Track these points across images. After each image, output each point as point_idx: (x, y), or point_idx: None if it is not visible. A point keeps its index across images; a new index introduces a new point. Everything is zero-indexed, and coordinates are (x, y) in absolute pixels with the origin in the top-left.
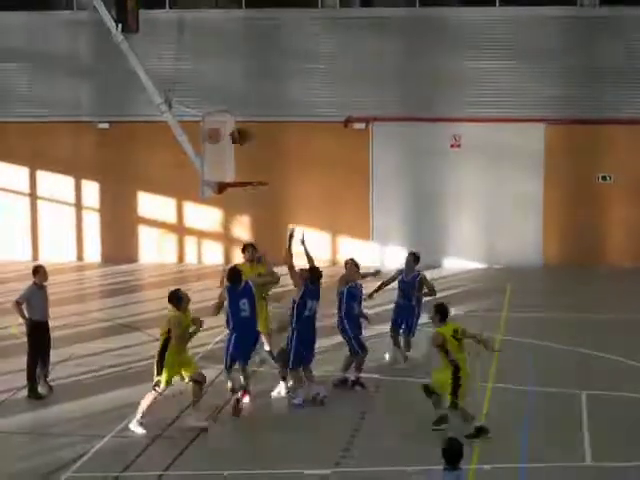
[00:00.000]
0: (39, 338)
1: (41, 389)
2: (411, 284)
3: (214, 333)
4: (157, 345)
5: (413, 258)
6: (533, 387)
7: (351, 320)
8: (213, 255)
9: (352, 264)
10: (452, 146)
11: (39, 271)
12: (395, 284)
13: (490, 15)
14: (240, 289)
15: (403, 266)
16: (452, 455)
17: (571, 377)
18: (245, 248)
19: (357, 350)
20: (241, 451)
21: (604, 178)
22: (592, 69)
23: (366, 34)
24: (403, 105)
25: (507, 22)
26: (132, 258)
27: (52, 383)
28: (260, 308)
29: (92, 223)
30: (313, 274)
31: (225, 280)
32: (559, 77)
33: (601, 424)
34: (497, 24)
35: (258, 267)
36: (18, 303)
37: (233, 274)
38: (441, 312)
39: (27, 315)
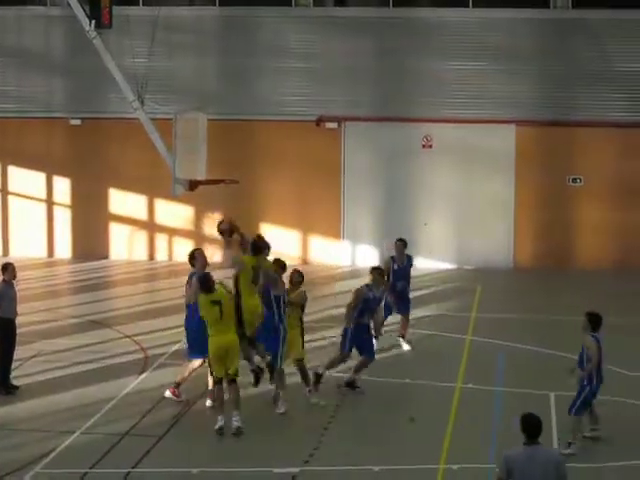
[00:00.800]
0: (9, 336)
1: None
2: (406, 268)
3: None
4: (129, 341)
5: (404, 244)
6: (502, 388)
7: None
8: (184, 252)
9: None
10: (424, 146)
11: (8, 268)
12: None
13: (463, 16)
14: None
15: (388, 256)
16: (532, 429)
17: (540, 378)
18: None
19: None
20: (210, 449)
21: (575, 180)
22: (564, 71)
23: (339, 34)
24: (375, 105)
25: (480, 23)
26: (103, 255)
27: (21, 379)
28: None
29: (63, 219)
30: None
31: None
32: (531, 79)
33: (570, 424)
34: (470, 25)
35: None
36: None
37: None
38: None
39: None
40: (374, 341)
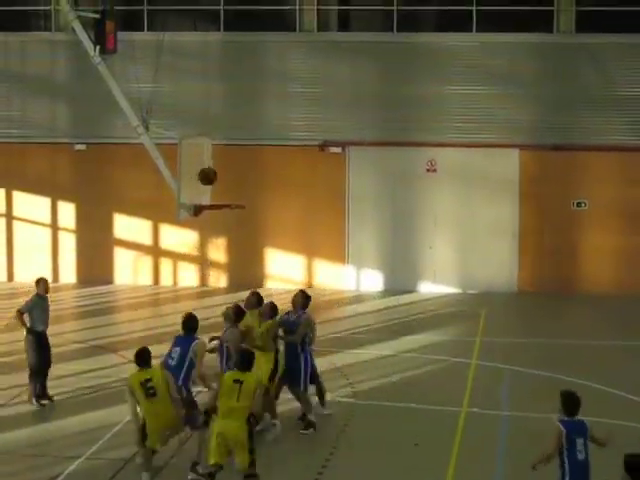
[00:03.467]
0: (43, 347)
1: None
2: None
3: None
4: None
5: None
6: (507, 412)
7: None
8: (189, 277)
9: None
10: (428, 170)
11: (40, 282)
12: None
13: (466, 41)
14: None
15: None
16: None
17: (545, 402)
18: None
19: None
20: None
21: (579, 204)
22: (567, 95)
23: (343, 58)
24: (379, 129)
25: (483, 48)
26: (107, 280)
27: (26, 405)
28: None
29: (68, 244)
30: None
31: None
32: (534, 103)
33: None
34: (473, 50)
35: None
36: (20, 313)
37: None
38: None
39: (29, 325)
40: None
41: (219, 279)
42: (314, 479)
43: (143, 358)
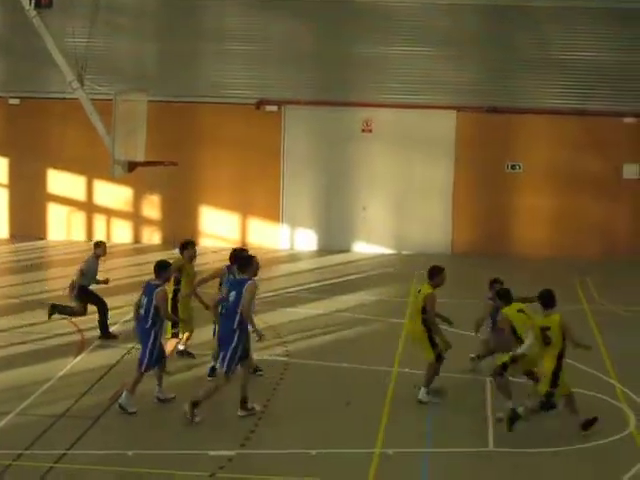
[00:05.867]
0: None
1: None
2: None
3: (123, 312)
4: (65, 323)
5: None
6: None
7: None
8: (122, 233)
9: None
10: (363, 131)
11: (100, 245)
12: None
13: (407, 1)
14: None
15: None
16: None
17: (478, 363)
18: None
19: None
20: (146, 432)
21: (513, 167)
22: (505, 58)
23: (280, 17)
24: (316, 88)
25: (422, 9)
26: (40, 235)
27: None
28: None
29: (0, 199)
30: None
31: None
32: (472, 65)
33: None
34: (413, 10)
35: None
36: None
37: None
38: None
39: None
40: None
41: (153, 236)
42: (245, 437)
43: None
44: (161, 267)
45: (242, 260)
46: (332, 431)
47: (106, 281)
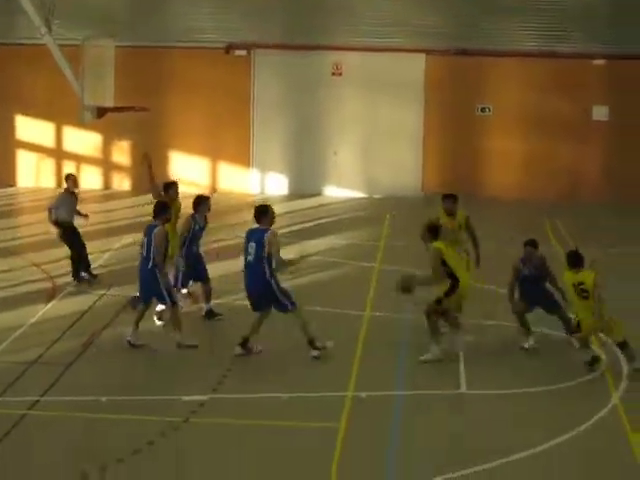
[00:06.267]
0: (76, 235)
1: None
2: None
3: (93, 258)
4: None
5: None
6: (409, 315)
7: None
8: (92, 180)
9: None
10: (333, 74)
11: (70, 178)
12: None
13: None
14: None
15: None
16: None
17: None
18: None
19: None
20: (119, 378)
21: (483, 110)
22: (474, 1)
23: None
24: (285, 32)
25: None
26: (9, 182)
27: None
28: None
29: None
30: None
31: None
32: (441, 8)
33: (476, 353)
34: None
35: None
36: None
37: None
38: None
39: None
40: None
41: (122, 182)
42: (218, 382)
43: None
44: (160, 208)
45: (258, 210)
46: (304, 375)
47: (86, 215)
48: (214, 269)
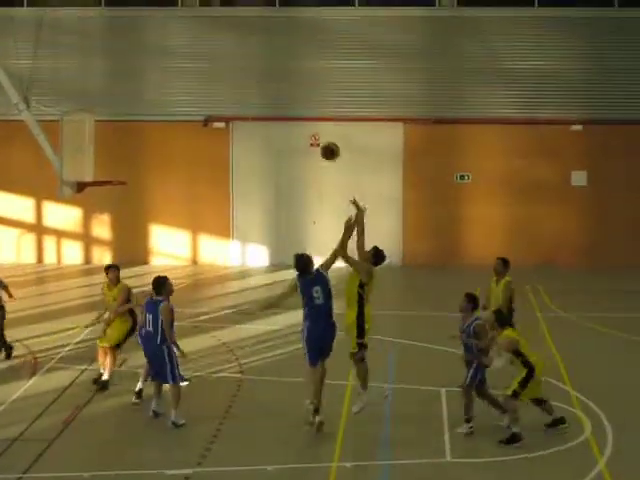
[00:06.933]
0: None
1: None
2: None
3: (74, 334)
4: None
5: None
6: (393, 385)
7: None
8: (73, 255)
9: None
10: (312, 145)
11: None
12: None
13: (349, 15)
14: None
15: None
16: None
17: (430, 374)
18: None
19: None
20: (101, 454)
21: (462, 177)
22: (450, 69)
23: (226, 33)
24: (263, 104)
25: (366, 22)
26: None
27: None
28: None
29: None
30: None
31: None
32: (418, 77)
33: (461, 420)
34: (356, 24)
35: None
36: None
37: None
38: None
39: None
40: None
41: (103, 256)
42: (201, 455)
43: None
44: (160, 283)
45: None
46: (289, 446)
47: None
48: None
